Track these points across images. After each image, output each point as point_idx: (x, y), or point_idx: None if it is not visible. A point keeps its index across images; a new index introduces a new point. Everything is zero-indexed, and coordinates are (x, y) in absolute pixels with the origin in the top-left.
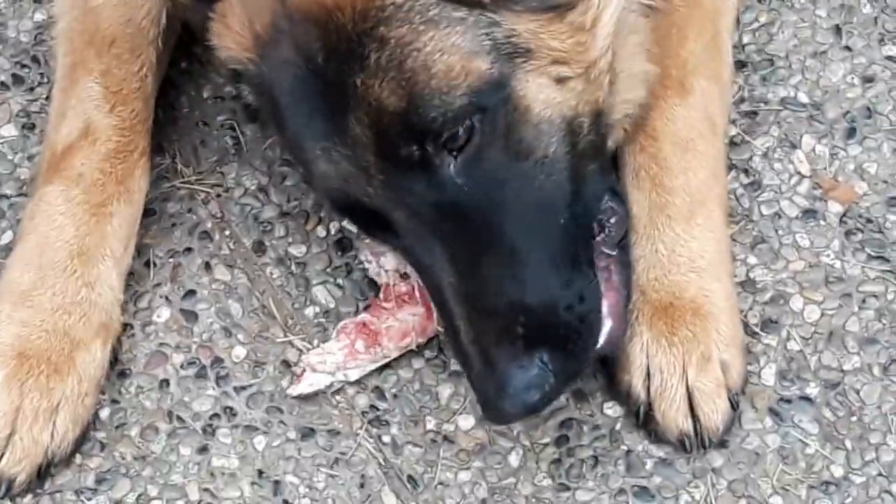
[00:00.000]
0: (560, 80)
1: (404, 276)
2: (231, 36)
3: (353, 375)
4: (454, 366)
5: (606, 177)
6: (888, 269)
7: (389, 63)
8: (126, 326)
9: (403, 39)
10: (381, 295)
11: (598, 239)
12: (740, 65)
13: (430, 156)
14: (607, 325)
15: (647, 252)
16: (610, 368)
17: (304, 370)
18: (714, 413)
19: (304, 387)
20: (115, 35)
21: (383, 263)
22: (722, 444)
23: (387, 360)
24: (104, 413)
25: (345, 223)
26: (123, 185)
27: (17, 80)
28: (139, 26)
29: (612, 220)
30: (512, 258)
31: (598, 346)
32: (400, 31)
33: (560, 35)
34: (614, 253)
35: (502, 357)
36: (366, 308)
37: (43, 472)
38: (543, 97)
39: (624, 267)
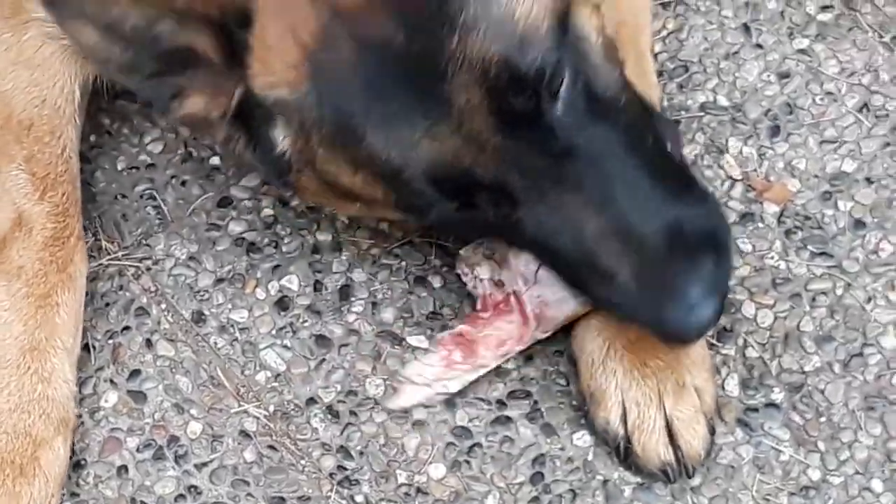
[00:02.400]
0: (595, 7)
1: (499, 285)
2: (274, 55)
3: (454, 387)
4: (417, 415)
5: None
6: (833, 264)
7: (478, 16)
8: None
9: None
10: (479, 305)
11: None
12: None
13: (540, 101)
14: None
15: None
16: (584, 406)
17: (403, 384)
18: (695, 440)
19: (405, 400)
20: (31, 118)
21: (478, 273)
22: None
23: (486, 369)
24: None
25: (283, 281)
26: (65, 273)
27: None
28: (55, 106)
29: (671, 137)
30: (641, 184)
31: None
32: None
33: None
34: None
35: (676, 274)
36: (464, 319)
37: None
38: (593, 24)
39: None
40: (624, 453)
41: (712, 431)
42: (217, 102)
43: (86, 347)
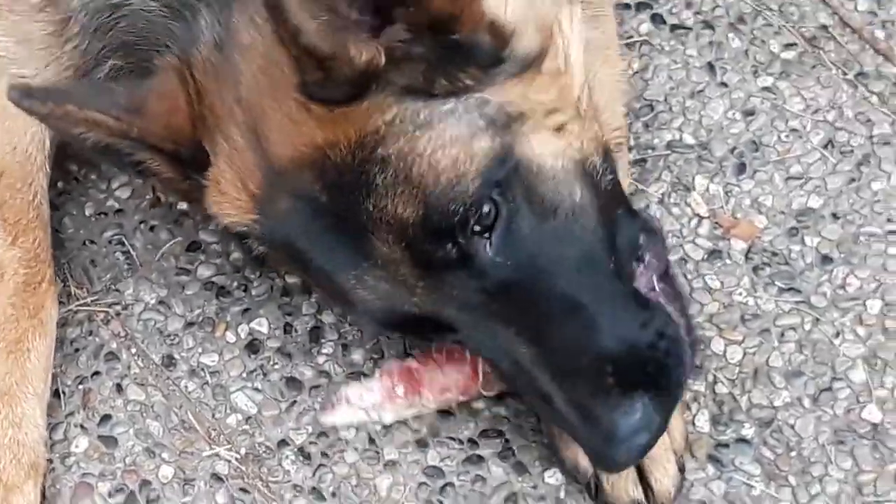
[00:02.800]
0: (558, 129)
1: None
2: (228, 202)
3: (388, 418)
4: (389, 455)
5: (635, 216)
6: (801, 299)
7: (396, 179)
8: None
9: (403, 152)
10: (434, 347)
11: (639, 272)
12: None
13: (465, 247)
14: None
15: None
16: (553, 447)
17: (339, 402)
18: (665, 478)
19: (338, 418)
20: (3, 166)
21: None
22: None
23: (425, 409)
24: None
25: (253, 324)
26: (37, 318)
27: None
28: (26, 154)
29: (649, 255)
30: (577, 314)
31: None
32: (397, 146)
33: (544, 87)
34: (659, 287)
35: (604, 409)
36: (416, 354)
37: None
38: (549, 150)
39: (674, 298)
40: (595, 491)
41: (682, 469)
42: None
43: (56, 393)
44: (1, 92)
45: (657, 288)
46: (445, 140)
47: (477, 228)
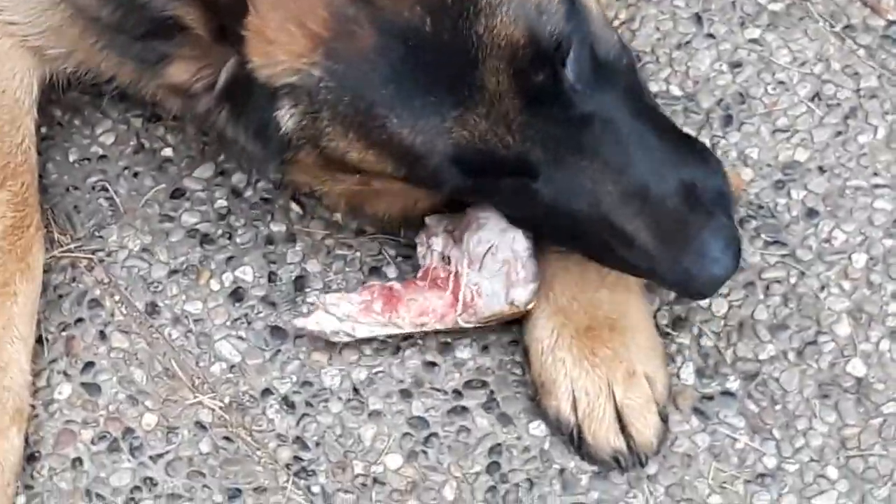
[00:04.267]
0: None
1: (446, 261)
2: (278, 47)
3: (361, 332)
4: (373, 405)
5: None
6: (786, 252)
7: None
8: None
9: None
10: (420, 273)
11: None
12: None
13: (557, 73)
14: None
15: (557, 272)
16: (536, 396)
17: (316, 308)
18: (646, 428)
19: (311, 323)
20: None
21: (432, 244)
22: None
23: (398, 330)
24: (20, 501)
25: (237, 273)
26: (24, 262)
27: None
28: (14, 97)
29: None
30: (652, 146)
31: None
32: None
33: None
34: None
35: (694, 230)
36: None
37: None
38: None
39: None
40: (577, 442)
41: (665, 420)
42: (202, 74)
43: (39, 339)
44: None
45: None
46: None
47: (562, 56)
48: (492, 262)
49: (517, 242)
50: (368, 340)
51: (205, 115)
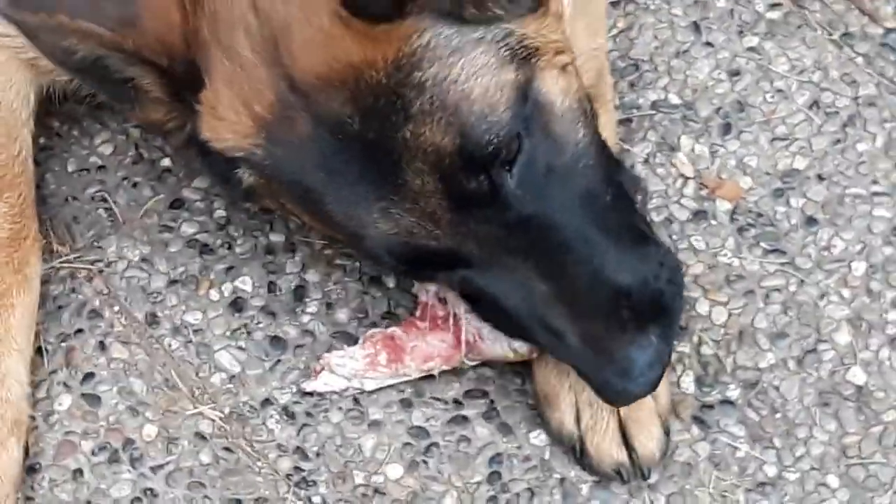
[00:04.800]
0: (563, 69)
1: (443, 301)
2: (226, 125)
3: (370, 386)
4: (374, 415)
5: (618, 162)
6: (786, 260)
7: (433, 105)
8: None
9: (438, 77)
10: (418, 313)
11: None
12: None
13: (494, 179)
14: None
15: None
16: (539, 409)
17: (322, 369)
18: (650, 441)
19: (320, 385)
20: None
21: (426, 284)
22: None
23: (407, 378)
24: None
25: (237, 283)
26: (21, 274)
27: None
28: (11, 109)
29: (637, 192)
30: (591, 249)
31: None
32: (433, 70)
33: (552, 26)
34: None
35: (620, 344)
36: (398, 323)
37: None
38: (559, 87)
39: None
40: (580, 453)
41: (667, 432)
42: (172, 116)
43: (38, 351)
44: None
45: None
46: (477, 68)
47: (504, 162)
48: None
49: None
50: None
51: (181, 148)
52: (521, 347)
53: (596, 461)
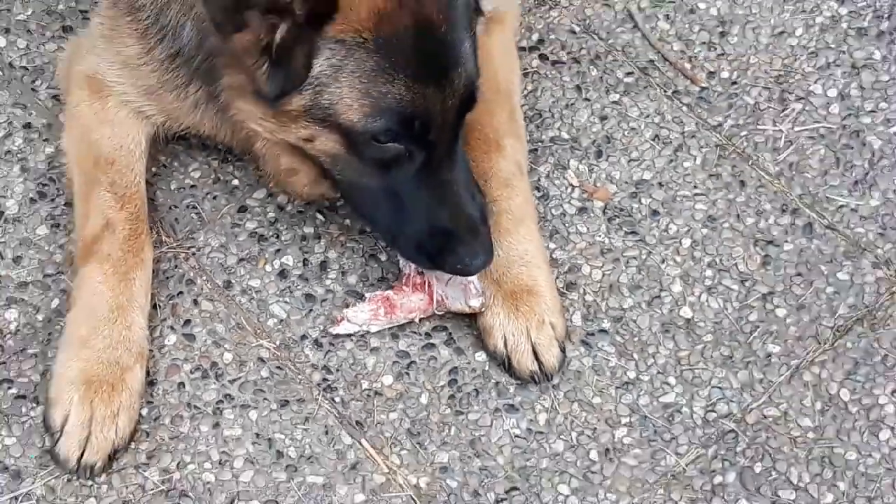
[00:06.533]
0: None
1: (420, 273)
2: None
3: (374, 328)
4: (374, 344)
5: None
6: (639, 238)
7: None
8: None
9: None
10: (403, 280)
11: None
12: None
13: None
14: None
15: (494, 258)
16: (482, 337)
17: (342, 319)
18: (552, 358)
19: (342, 330)
20: (113, 157)
21: (408, 261)
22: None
23: (397, 323)
24: (144, 411)
25: (283, 260)
26: (139, 258)
27: (41, 195)
28: (129, 149)
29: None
30: (469, 183)
31: None
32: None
33: None
34: None
35: (482, 238)
36: (390, 287)
37: (112, 458)
38: None
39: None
40: (507, 367)
41: (563, 350)
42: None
43: (154, 306)
44: (110, 109)
45: None
46: None
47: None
48: (454, 283)
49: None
50: (354, 293)
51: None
52: (474, 304)
53: (518, 371)
